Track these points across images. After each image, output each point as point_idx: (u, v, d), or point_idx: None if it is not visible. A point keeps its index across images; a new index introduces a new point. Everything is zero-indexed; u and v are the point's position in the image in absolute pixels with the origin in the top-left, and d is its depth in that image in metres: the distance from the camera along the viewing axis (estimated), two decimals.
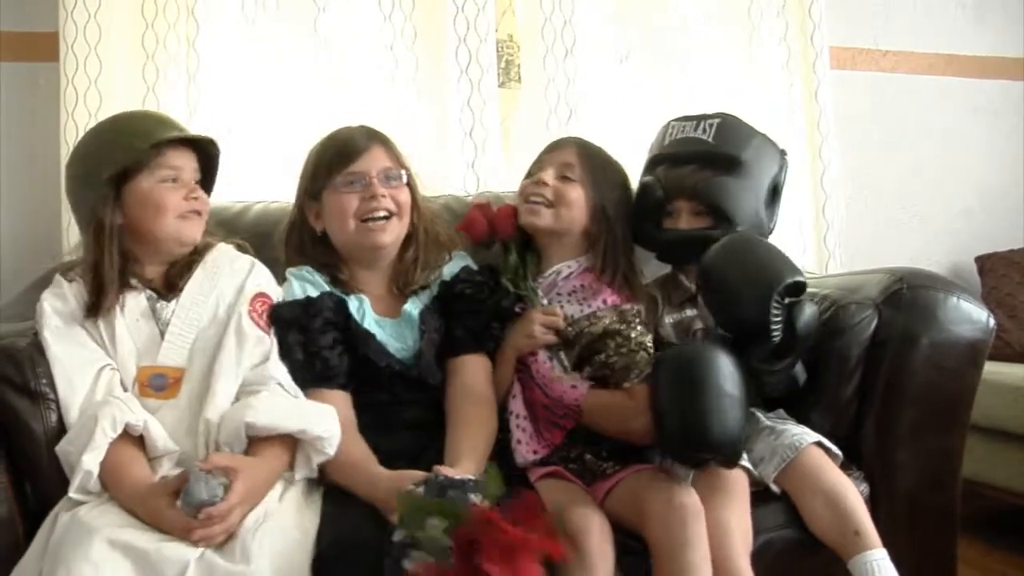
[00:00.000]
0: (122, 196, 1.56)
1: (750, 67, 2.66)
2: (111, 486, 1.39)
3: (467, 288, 1.71)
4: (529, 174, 1.81)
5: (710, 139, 1.79)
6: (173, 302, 1.57)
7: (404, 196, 1.69)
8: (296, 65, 2.36)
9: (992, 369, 2.01)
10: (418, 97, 2.38)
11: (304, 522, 1.40)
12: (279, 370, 1.56)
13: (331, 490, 1.50)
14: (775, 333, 1.53)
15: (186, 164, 1.61)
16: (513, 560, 1.18)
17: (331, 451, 1.48)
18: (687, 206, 1.78)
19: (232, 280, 1.62)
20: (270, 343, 1.58)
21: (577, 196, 1.73)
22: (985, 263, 2.97)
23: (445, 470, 1.35)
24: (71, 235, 2.15)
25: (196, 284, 1.59)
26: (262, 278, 1.66)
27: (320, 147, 1.72)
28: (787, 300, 1.55)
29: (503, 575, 1.16)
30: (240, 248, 1.72)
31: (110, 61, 2.19)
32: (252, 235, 1.79)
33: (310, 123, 2.26)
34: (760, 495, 1.58)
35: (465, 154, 2.36)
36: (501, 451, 1.60)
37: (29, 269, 2.08)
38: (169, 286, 1.59)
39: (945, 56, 3.10)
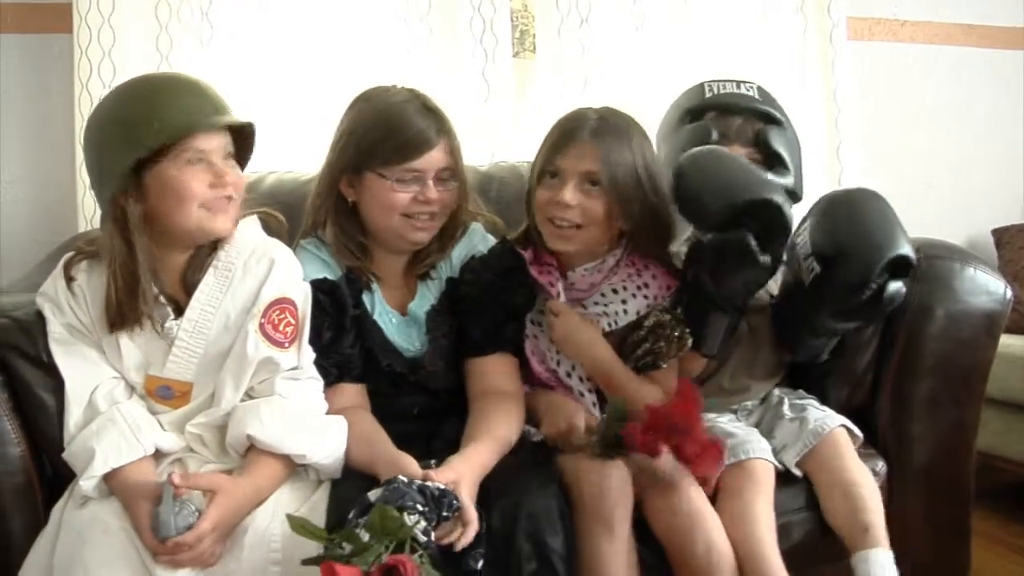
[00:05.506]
0: (143, 181, 1.40)
1: (766, 37, 2.63)
2: (112, 487, 1.38)
3: (473, 289, 1.62)
4: (542, 173, 1.63)
5: (756, 97, 1.81)
6: (182, 317, 1.45)
7: (450, 198, 1.59)
8: (309, 36, 2.34)
9: (1008, 342, 2.00)
10: (432, 68, 2.37)
11: (314, 499, 1.41)
12: (293, 387, 1.47)
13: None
14: (868, 292, 1.52)
15: (216, 146, 1.43)
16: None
17: (337, 474, 1.45)
18: (744, 152, 1.74)
19: (245, 284, 1.47)
20: (291, 355, 1.47)
21: (603, 208, 1.58)
22: (1002, 236, 2.95)
23: (434, 474, 1.30)
24: (85, 207, 2.16)
25: (205, 292, 1.46)
26: (280, 278, 1.48)
27: (378, 124, 1.56)
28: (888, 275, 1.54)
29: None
30: (269, 220, 1.61)
31: (123, 32, 2.17)
32: (267, 206, 1.77)
33: (323, 93, 2.26)
34: (780, 477, 1.58)
35: (479, 125, 2.34)
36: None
37: (44, 241, 2.09)
38: (186, 289, 1.47)
39: (964, 26, 3.05)
